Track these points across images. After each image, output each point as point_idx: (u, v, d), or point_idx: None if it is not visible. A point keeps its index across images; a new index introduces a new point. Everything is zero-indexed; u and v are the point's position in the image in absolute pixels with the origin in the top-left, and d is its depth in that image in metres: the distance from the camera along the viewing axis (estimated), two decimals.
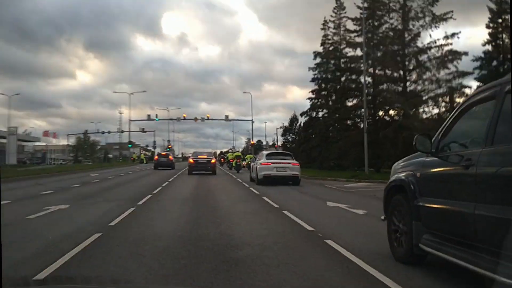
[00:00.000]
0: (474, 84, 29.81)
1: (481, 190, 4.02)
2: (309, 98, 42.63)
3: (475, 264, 3.90)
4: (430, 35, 31.06)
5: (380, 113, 33.57)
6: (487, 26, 30.14)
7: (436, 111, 30.16)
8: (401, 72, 31.52)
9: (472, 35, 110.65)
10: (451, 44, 30.06)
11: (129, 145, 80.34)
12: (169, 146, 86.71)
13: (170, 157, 44.96)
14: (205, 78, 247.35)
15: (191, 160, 32.38)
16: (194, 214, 10.12)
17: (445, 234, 4.64)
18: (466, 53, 29.81)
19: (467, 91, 28.70)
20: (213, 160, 32.73)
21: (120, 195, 14.97)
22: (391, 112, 32.97)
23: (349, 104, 37.12)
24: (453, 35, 29.96)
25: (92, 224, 8.37)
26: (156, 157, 46.05)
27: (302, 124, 51.74)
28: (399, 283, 4.54)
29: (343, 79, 38.57)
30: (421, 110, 30.90)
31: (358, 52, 34.43)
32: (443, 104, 29.47)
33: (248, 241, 6.81)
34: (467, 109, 4.79)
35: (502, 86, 4.03)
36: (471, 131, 4.83)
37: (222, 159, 60.98)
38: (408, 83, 31.56)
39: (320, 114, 41.94)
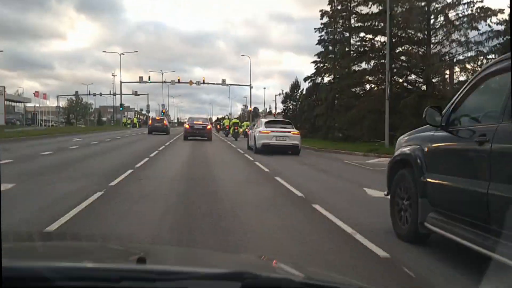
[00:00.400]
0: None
1: (496, 169, 3.82)
2: (313, 62, 37.97)
3: (485, 247, 3.70)
4: None
5: (400, 80, 29.71)
6: None
7: (463, 78, 26.01)
8: (425, 32, 27.71)
9: None
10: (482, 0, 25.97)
11: (121, 108, 76.19)
12: (164, 111, 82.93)
13: (164, 122, 43.23)
14: (199, 43, 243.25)
15: (186, 126, 32.06)
16: (185, 214, 6.68)
17: (454, 213, 4.44)
18: (501, 11, 25.08)
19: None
20: (209, 126, 31.97)
21: (92, 169, 11.87)
22: (412, 77, 29.34)
23: (362, 68, 33.29)
24: None
25: (18, 225, 5.26)
26: (151, 121, 44.46)
27: (304, 91, 48.03)
28: None
29: (353, 41, 34.95)
30: (446, 76, 27.24)
31: (374, 9, 30.65)
32: (472, 69, 25.39)
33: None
34: (483, 81, 4.54)
35: None
36: (486, 104, 4.64)
37: (218, 126, 57.80)
38: (432, 46, 27.73)
39: (326, 79, 37.97)
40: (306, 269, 2.14)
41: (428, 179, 4.81)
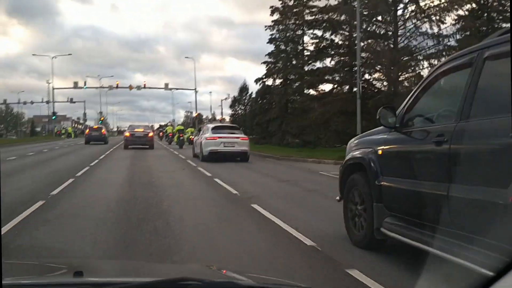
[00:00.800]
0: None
1: (456, 170, 3.74)
2: (264, 62, 35.88)
3: (445, 251, 3.58)
4: None
5: (367, 76, 27.11)
6: None
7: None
8: (392, 25, 25.07)
9: None
10: None
11: (53, 117, 68.13)
12: (102, 119, 76.31)
13: (103, 130, 40.74)
14: (139, 47, 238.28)
15: (127, 134, 30.81)
16: None
17: (412, 217, 4.32)
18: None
19: None
20: (150, 134, 31.05)
21: None
22: (377, 75, 26.93)
23: (317, 67, 30.93)
24: None
25: None
26: (87, 131, 41.40)
27: (254, 94, 46.20)
28: None
29: (308, 38, 32.66)
30: (411, 74, 24.79)
31: (332, 1, 28.06)
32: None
33: None
34: (437, 79, 4.45)
35: (481, 52, 3.65)
36: (441, 104, 4.52)
37: (161, 133, 54.61)
38: (399, 38, 25.17)
39: (278, 81, 35.63)
40: (258, 277, 2.07)
41: (383, 183, 4.72)
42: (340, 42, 29.38)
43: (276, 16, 34.24)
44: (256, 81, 37.07)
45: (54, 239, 5.41)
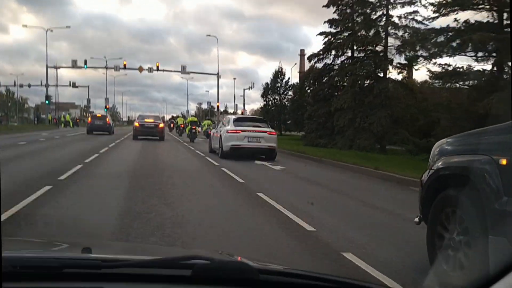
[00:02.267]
0: None
1: None
2: (322, 34, 27.10)
3: None
4: None
5: None
6: None
7: None
8: None
9: None
10: None
11: (47, 102, 56.76)
12: (107, 106, 67.61)
13: (107, 119, 35.71)
14: (149, 39, 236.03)
15: (136, 124, 28.93)
16: None
17: None
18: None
19: None
20: (161, 125, 29.02)
21: None
22: None
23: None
24: None
25: None
26: (90, 119, 36.85)
27: (307, 78, 34.84)
28: None
29: None
30: None
31: None
32: None
33: None
34: None
35: None
36: None
37: (171, 124, 51.81)
38: None
39: (343, 58, 26.54)
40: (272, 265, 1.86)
41: (509, 208, 3.23)
42: None
43: None
44: (310, 57, 28.05)
45: None
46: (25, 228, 5.36)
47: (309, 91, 34.78)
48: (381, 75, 24.97)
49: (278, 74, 47.36)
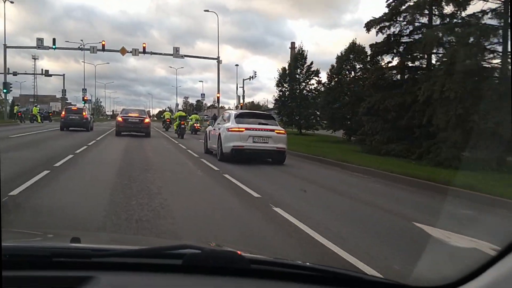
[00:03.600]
0: None
1: None
2: None
3: None
4: None
5: None
6: None
7: None
8: None
9: None
10: None
11: (3, 90, 47.11)
12: (85, 98, 60.33)
13: (84, 113, 29.68)
14: (132, 32, 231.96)
15: (119, 119, 26.27)
16: None
17: None
18: None
19: None
20: (146, 120, 26.44)
21: None
22: None
23: None
24: None
25: None
26: (63, 113, 30.10)
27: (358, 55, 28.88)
28: None
29: None
30: None
31: None
32: None
33: None
34: None
35: None
36: None
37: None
38: None
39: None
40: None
41: None
42: None
43: None
44: (368, 25, 19.52)
45: None
46: None
47: (355, 74, 28.60)
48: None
49: (298, 57, 37.39)
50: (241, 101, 52.34)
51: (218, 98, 49.29)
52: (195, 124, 34.56)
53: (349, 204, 7.89)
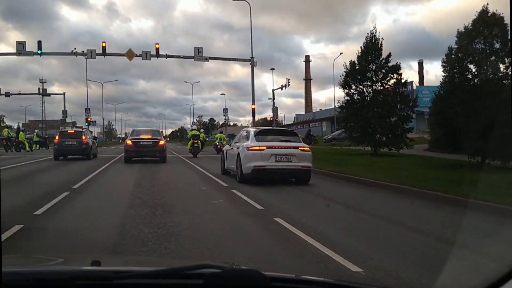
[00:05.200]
0: None
1: None
2: None
3: None
4: None
5: None
6: None
7: None
8: None
9: None
10: None
11: None
12: (89, 119, 51.02)
13: (83, 137, 23.83)
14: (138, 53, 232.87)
15: (129, 142, 21.84)
16: None
17: None
18: None
19: None
20: (161, 142, 22.11)
21: None
22: None
23: None
24: None
25: None
26: (57, 137, 24.16)
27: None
28: None
29: None
30: None
31: None
32: None
33: None
34: None
35: None
36: None
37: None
38: None
39: None
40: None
41: None
42: None
43: None
44: None
45: None
46: None
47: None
48: None
49: (370, 45, 25.00)
50: (271, 114, 43.42)
51: (253, 109, 38.29)
52: (217, 143, 33.05)
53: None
